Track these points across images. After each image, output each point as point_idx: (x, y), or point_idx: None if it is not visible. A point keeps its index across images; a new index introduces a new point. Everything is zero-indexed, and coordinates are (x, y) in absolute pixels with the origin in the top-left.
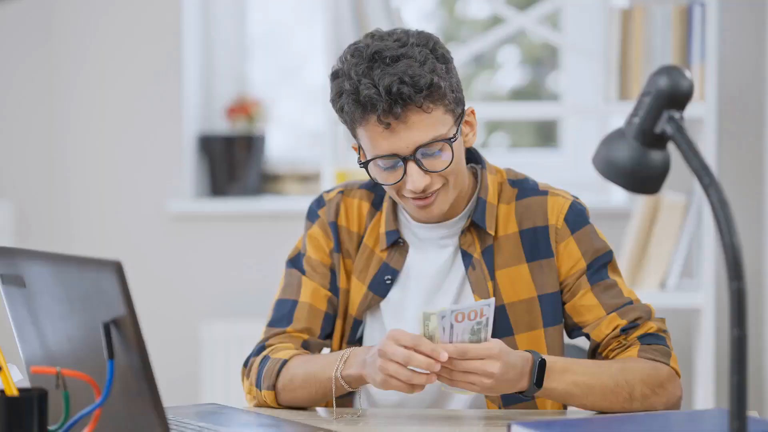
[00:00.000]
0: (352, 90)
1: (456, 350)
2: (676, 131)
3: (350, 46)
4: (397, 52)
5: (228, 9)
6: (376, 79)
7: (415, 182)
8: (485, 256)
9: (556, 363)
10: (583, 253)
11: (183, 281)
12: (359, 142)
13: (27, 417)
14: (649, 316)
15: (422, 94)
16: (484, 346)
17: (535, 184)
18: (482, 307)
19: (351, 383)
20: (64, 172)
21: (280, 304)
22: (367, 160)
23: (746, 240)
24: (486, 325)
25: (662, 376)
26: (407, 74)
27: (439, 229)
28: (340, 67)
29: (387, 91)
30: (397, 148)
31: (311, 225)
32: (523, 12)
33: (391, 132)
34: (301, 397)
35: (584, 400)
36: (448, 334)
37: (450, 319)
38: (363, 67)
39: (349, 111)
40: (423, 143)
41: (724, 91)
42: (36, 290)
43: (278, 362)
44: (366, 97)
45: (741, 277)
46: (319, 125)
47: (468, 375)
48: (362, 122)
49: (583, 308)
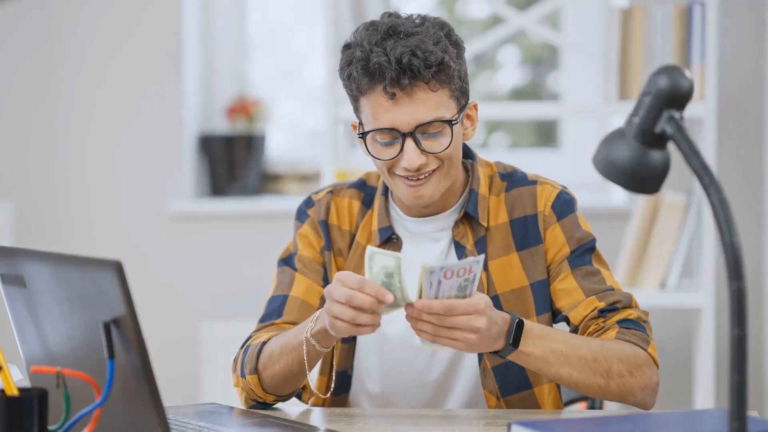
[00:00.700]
0: (362, 57)
1: (442, 306)
2: (676, 131)
3: (365, 23)
4: (412, 29)
5: (228, 9)
6: (388, 49)
7: (411, 160)
8: (478, 247)
9: (534, 328)
10: (567, 239)
11: (183, 281)
12: (360, 116)
13: (27, 417)
14: (629, 303)
15: (431, 70)
16: (471, 301)
17: (524, 175)
18: (471, 264)
19: (320, 341)
20: (64, 172)
21: (272, 301)
22: (366, 131)
23: (746, 240)
24: (473, 281)
25: (640, 359)
26: (420, 48)
27: (431, 222)
28: (353, 39)
29: (397, 61)
30: (398, 123)
31: (301, 225)
32: (523, 12)
33: (395, 104)
34: (280, 372)
35: (560, 370)
36: (434, 289)
37: (438, 275)
38: (377, 38)
39: (356, 78)
40: (424, 121)
41: (724, 91)
42: (36, 290)
43: (257, 345)
44: (376, 64)
45: (741, 277)
46: (319, 125)
47: (453, 331)
48: (368, 91)
49: (563, 292)
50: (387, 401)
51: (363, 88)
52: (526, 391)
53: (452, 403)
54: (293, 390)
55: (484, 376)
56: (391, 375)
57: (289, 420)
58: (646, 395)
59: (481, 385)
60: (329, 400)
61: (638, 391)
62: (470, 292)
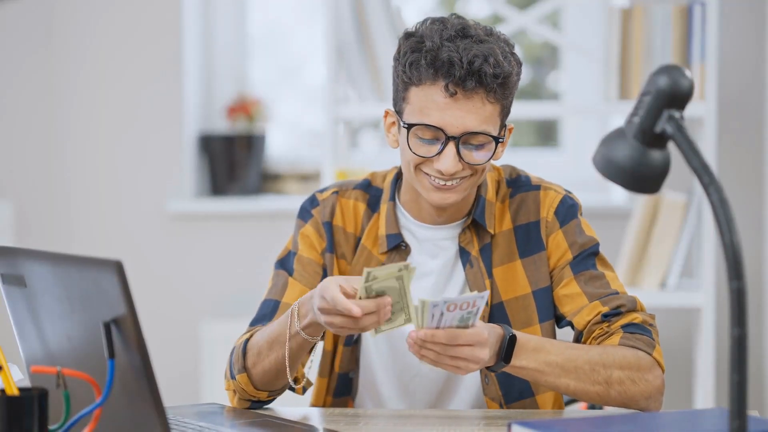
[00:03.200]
0: (432, 48)
1: (446, 336)
2: (676, 130)
3: (431, 17)
4: (483, 36)
5: (228, 9)
6: (461, 48)
7: (448, 165)
8: (483, 253)
9: (530, 341)
10: (570, 245)
11: (183, 281)
12: (403, 106)
13: (27, 416)
14: (634, 306)
15: (498, 81)
16: (474, 331)
17: (528, 179)
18: (475, 299)
19: (312, 333)
20: (64, 172)
21: (264, 305)
22: (412, 123)
23: (746, 240)
24: (476, 314)
25: (643, 365)
26: (492, 56)
27: (440, 230)
28: (419, 30)
29: (469, 62)
30: (447, 124)
31: (304, 224)
32: (523, 11)
33: (450, 105)
34: (271, 367)
35: (556, 380)
36: (436, 320)
37: (441, 308)
38: (449, 34)
39: (418, 67)
40: (473, 131)
41: (724, 91)
42: (36, 290)
43: (241, 345)
44: (447, 58)
45: (741, 277)
46: (319, 125)
47: (457, 360)
48: (426, 83)
49: (567, 297)
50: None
51: (423, 79)
52: (528, 399)
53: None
54: (284, 383)
55: (487, 383)
56: (400, 382)
57: (289, 420)
58: (649, 402)
59: (483, 392)
60: (330, 402)
61: (641, 399)
62: (472, 324)
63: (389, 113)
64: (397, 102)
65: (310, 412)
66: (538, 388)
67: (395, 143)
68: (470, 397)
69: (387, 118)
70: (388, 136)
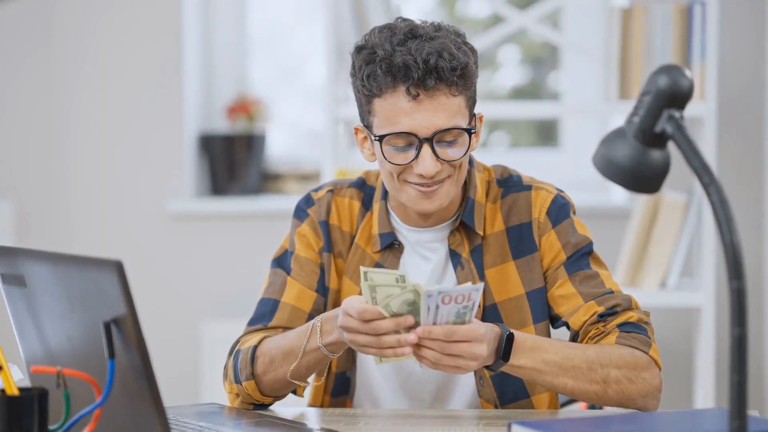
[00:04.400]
0: (385, 56)
1: (443, 332)
2: (676, 130)
3: (377, 27)
4: (432, 33)
5: (228, 9)
6: (413, 49)
7: (427, 167)
8: (474, 255)
9: (527, 340)
10: (563, 245)
11: (183, 281)
12: (371, 120)
13: (27, 416)
14: (629, 305)
15: (456, 74)
16: (470, 327)
17: (519, 179)
18: (470, 291)
19: (334, 350)
20: (64, 172)
21: (262, 303)
22: (383, 134)
23: (746, 239)
24: (471, 309)
25: (640, 363)
26: (446, 50)
27: (429, 232)
28: (368, 41)
29: (424, 61)
30: (417, 127)
31: (300, 223)
32: (523, 11)
33: (416, 108)
34: (282, 377)
35: (554, 380)
36: (432, 315)
37: (436, 300)
38: (399, 38)
39: (376, 78)
40: (444, 128)
41: (724, 91)
42: (36, 290)
43: (249, 351)
44: (402, 63)
45: (741, 277)
46: (319, 125)
47: (455, 359)
48: (387, 92)
49: (562, 298)
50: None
51: (383, 88)
52: (523, 400)
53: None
54: (292, 389)
55: (482, 385)
56: (395, 381)
57: (288, 420)
58: (647, 401)
59: (478, 394)
60: (328, 401)
61: (638, 398)
62: (468, 320)
63: (359, 129)
64: (363, 116)
65: (309, 412)
66: (534, 390)
67: (372, 157)
68: (466, 398)
69: (358, 135)
70: (363, 152)
